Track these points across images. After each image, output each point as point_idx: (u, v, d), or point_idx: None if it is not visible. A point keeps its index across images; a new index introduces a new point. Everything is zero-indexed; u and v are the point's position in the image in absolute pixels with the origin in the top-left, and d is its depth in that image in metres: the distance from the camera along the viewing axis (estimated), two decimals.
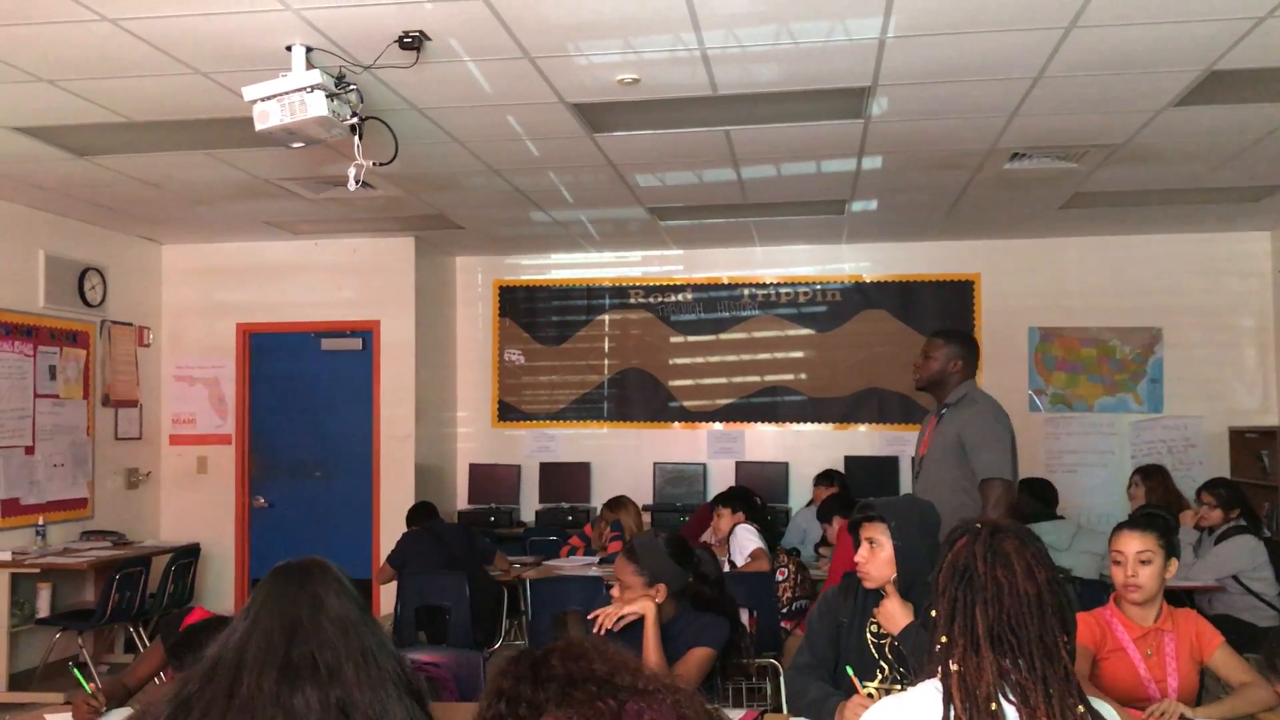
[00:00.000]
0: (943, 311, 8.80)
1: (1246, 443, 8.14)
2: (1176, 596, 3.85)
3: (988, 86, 4.91)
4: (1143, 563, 3.31)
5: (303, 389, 8.72)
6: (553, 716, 2.00)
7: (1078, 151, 6.03)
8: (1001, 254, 8.71)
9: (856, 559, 3.24)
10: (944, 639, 2.00)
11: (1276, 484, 7.62)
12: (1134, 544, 3.34)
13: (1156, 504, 6.77)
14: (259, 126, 4.28)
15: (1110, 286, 8.54)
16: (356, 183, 4.66)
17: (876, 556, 3.19)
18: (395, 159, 4.85)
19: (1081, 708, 1.93)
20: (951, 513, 4.29)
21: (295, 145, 4.55)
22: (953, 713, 1.93)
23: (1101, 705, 2.02)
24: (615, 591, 3.62)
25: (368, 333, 8.61)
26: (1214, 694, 3.27)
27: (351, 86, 4.40)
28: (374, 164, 4.68)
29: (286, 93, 4.22)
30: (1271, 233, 8.28)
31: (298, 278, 8.64)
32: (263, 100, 4.25)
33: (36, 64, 4.54)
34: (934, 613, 2.07)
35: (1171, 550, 3.35)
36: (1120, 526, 3.46)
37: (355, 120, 4.41)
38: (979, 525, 2.12)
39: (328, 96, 4.23)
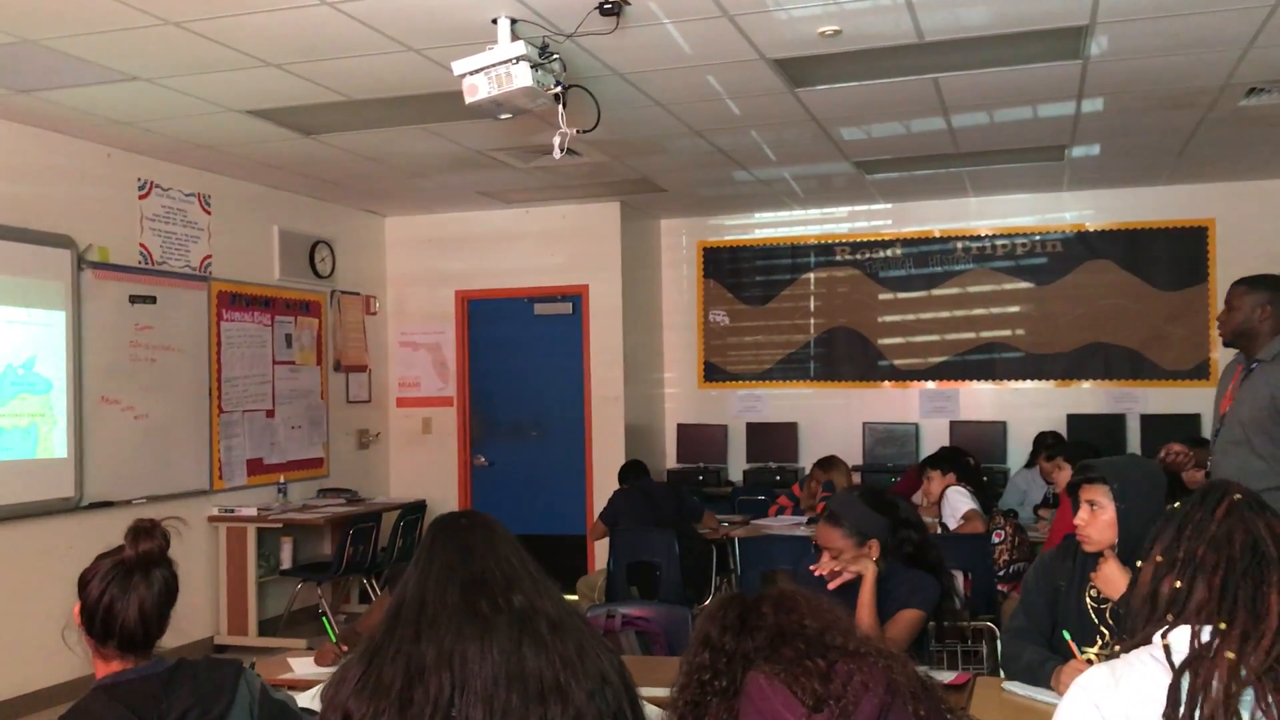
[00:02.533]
0: (1173, 261, 8.30)
1: None
2: None
3: (1219, 17, 4.56)
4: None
5: (518, 352, 9.01)
6: (760, 671, 2.01)
7: None
8: (1239, 197, 8.11)
9: (1076, 521, 3.12)
10: (1222, 625, 1.85)
11: None
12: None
13: None
14: (468, 100, 4.42)
15: None
16: (562, 150, 4.76)
17: (1097, 519, 3.06)
18: (598, 125, 4.92)
19: None
20: (1256, 476, 4.00)
21: (503, 116, 4.67)
22: (1185, 683, 1.81)
23: None
24: (825, 559, 3.55)
25: (577, 297, 8.81)
26: None
27: (554, 56, 4.48)
28: (578, 131, 4.76)
29: (493, 65, 4.34)
30: None
31: (511, 245, 8.91)
32: (471, 74, 4.38)
33: (264, 49, 4.82)
34: (1177, 583, 1.90)
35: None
36: None
37: (559, 89, 4.49)
38: (1237, 494, 1.95)
39: (532, 67, 4.32)
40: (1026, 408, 8.56)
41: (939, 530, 5.93)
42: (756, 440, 9.14)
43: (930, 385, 8.91)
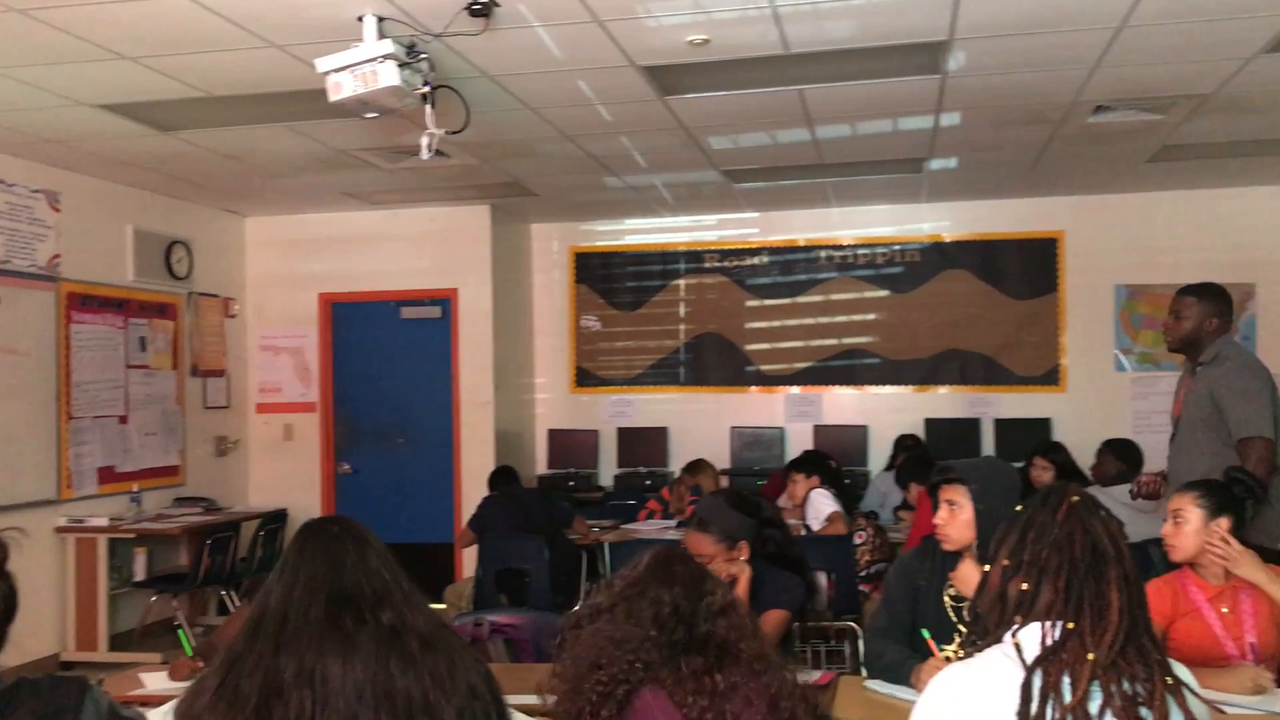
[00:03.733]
0: (1026, 270, 8.64)
1: None
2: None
3: (1069, 37, 4.76)
4: (1177, 522, 3.28)
5: (384, 357, 8.85)
6: (654, 686, 2.05)
7: (1164, 103, 5.84)
8: (1086, 210, 8.49)
9: (935, 521, 3.20)
10: (1070, 625, 1.93)
11: None
12: (1173, 504, 3.35)
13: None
14: (333, 98, 4.33)
15: (1200, 242, 8.27)
16: (430, 151, 4.70)
17: (956, 519, 3.15)
18: (467, 127, 4.87)
19: (1170, 678, 1.89)
20: (1201, 476, 4.11)
21: (369, 115, 4.60)
22: (1037, 680, 1.88)
23: (1180, 669, 1.97)
24: None
25: (446, 301, 8.71)
26: None
27: (422, 55, 4.42)
28: (446, 132, 4.71)
29: (359, 63, 4.26)
30: None
31: (377, 247, 8.76)
32: (336, 71, 4.30)
33: (118, 41, 4.63)
34: (1024, 585, 1.98)
35: (1222, 509, 3.26)
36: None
37: (427, 89, 4.44)
38: (1073, 497, 2.04)
39: (399, 66, 4.26)
40: (886, 412, 8.79)
41: (804, 532, 6.04)
42: (627, 445, 9.17)
43: (795, 390, 9.08)
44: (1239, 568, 3.18)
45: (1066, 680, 1.87)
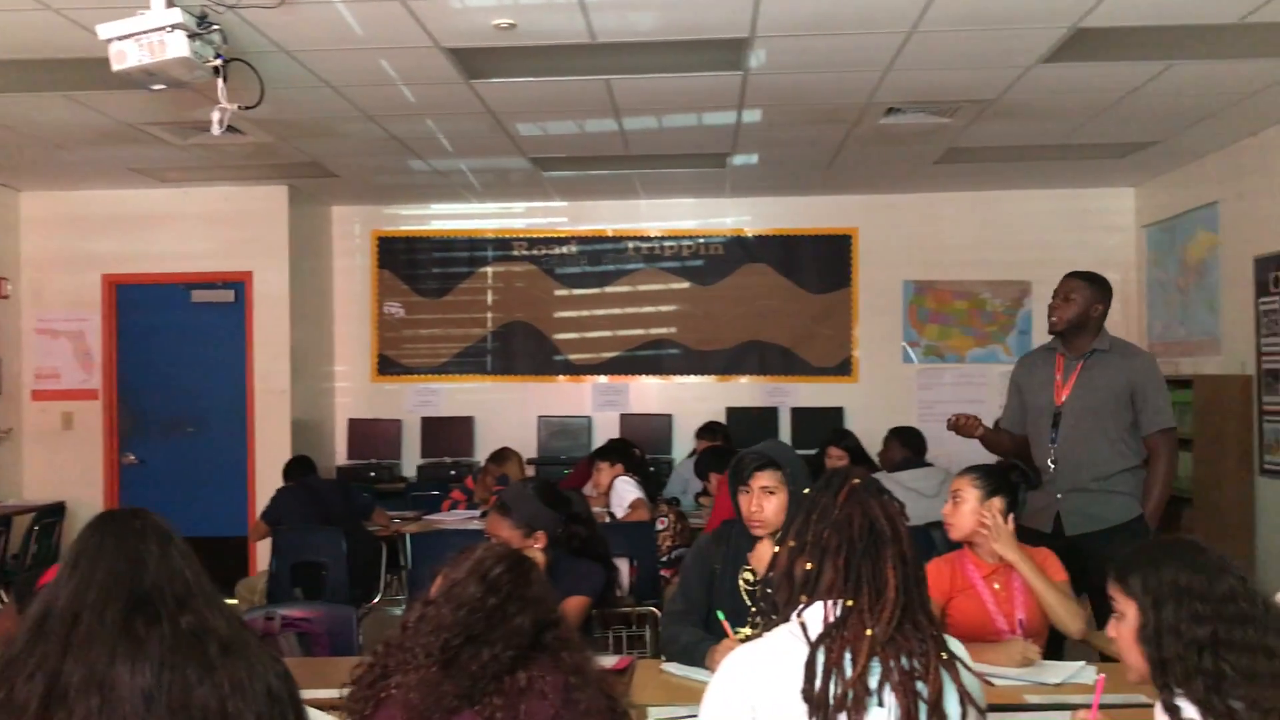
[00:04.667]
0: (822, 266, 8.94)
1: None
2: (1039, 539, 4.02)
3: (862, 40, 4.95)
4: (955, 501, 3.49)
5: (173, 342, 8.43)
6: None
7: (951, 107, 6.14)
8: (878, 209, 8.85)
9: (751, 508, 3.26)
10: (849, 602, 2.00)
11: None
12: (954, 485, 3.55)
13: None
14: (116, 67, 4.08)
15: (982, 241, 8.76)
16: (220, 127, 4.50)
17: (773, 503, 3.23)
18: (262, 102, 4.68)
19: (945, 653, 1.99)
20: (1104, 461, 4.31)
21: (156, 88, 4.36)
22: (820, 657, 1.95)
23: (954, 644, 2.08)
24: None
25: (240, 284, 8.36)
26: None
27: (214, 26, 4.21)
28: (239, 108, 4.52)
29: (145, 31, 4.03)
30: (1135, 189, 8.57)
31: (166, 227, 8.32)
32: (119, 39, 4.05)
33: None
34: (808, 565, 2.06)
35: (997, 491, 3.47)
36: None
37: (219, 62, 4.23)
38: (856, 480, 2.13)
39: (189, 36, 4.05)
40: (690, 401, 8.95)
41: (607, 519, 6.09)
42: (432, 435, 9.04)
43: (602, 380, 9.14)
44: (996, 542, 3.38)
45: (848, 656, 1.95)
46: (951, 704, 1.96)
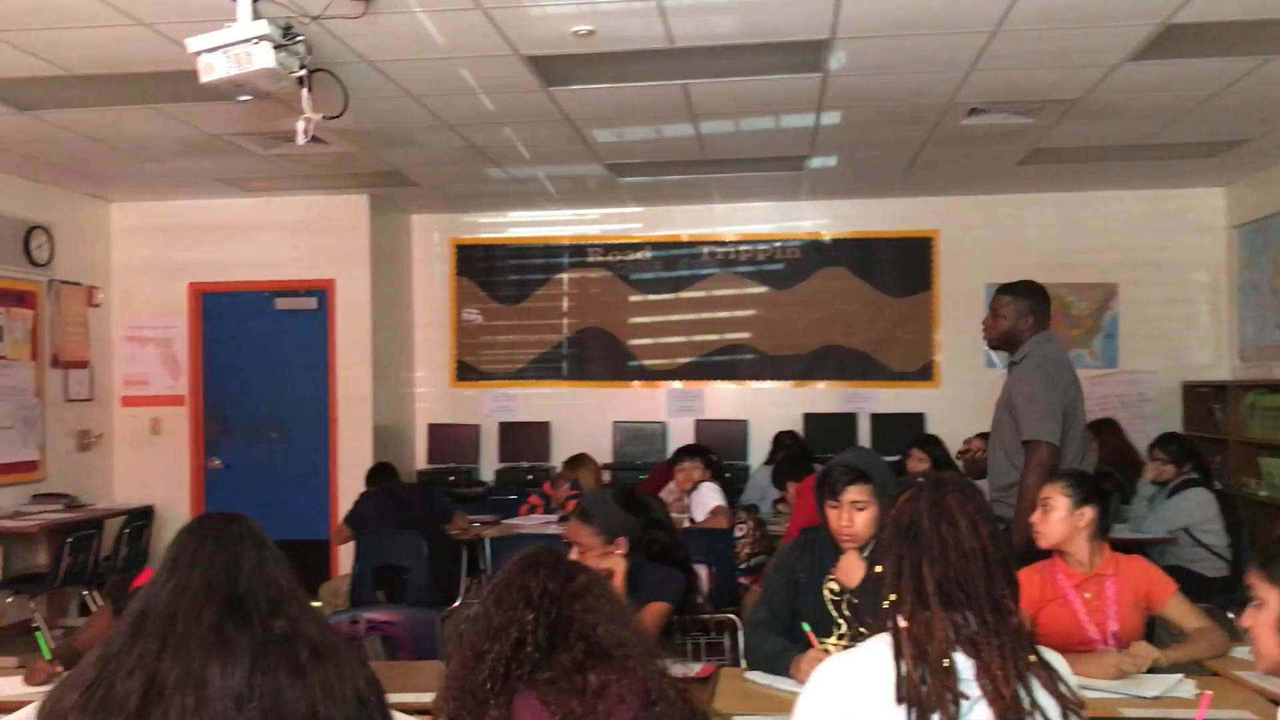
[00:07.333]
0: (901, 269, 8.82)
1: (1199, 397, 8.25)
2: (1129, 548, 3.90)
3: (945, 40, 4.87)
4: (1045, 511, 3.40)
5: (257, 349, 8.60)
6: (528, 691, 2.03)
7: (1034, 107, 6.02)
8: (960, 210, 8.71)
9: (842, 521, 3.20)
10: (893, 596, 1.99)
11: (1227, 437, 7.73)
12: (1043, 492, 3.46)
13: (1109, 458, 6.87)
14: (204, 79, 4.16)
15: (1066, 243, 8.57)
16: (305, 137, 4.55)
17: (865, 516, 3.17)
18: (345, 113, 4.75)
19: (1033, 657, 1.94)
20: (1001, 474, 4.32)
21: (242, 99, 4.44)
22: (904, 668, 1.92)
23: (1049, 654, 2.02)
24: (574, 554, 3.57)
25: (322, 292, 8.50)
26: (1164, 643, 3.31)
27: (299, 38, 4.28)
28: (323, 118, 4.58)
29: (232, 44, 4.10)
30: (1226, 188, 8.33)
31: (251, 236, 8.50)
32: (207, 52, 4.13)
33: None
34: (878, 569, 2.05)
35: (1087, 500, 3.36)
36: None
37: (303, 72, 4.29)
38: (922, 480, 2.11)
39: (275, 48, 4.11)
40: (766, 407, 8.89)
41: (687, 523, 6.07)
42: (509, 440, 9.09)
43: (677, 385, 9.12)
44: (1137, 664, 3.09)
45: (934, 652, 1.91)
46: (1050, 708, 1.91)
